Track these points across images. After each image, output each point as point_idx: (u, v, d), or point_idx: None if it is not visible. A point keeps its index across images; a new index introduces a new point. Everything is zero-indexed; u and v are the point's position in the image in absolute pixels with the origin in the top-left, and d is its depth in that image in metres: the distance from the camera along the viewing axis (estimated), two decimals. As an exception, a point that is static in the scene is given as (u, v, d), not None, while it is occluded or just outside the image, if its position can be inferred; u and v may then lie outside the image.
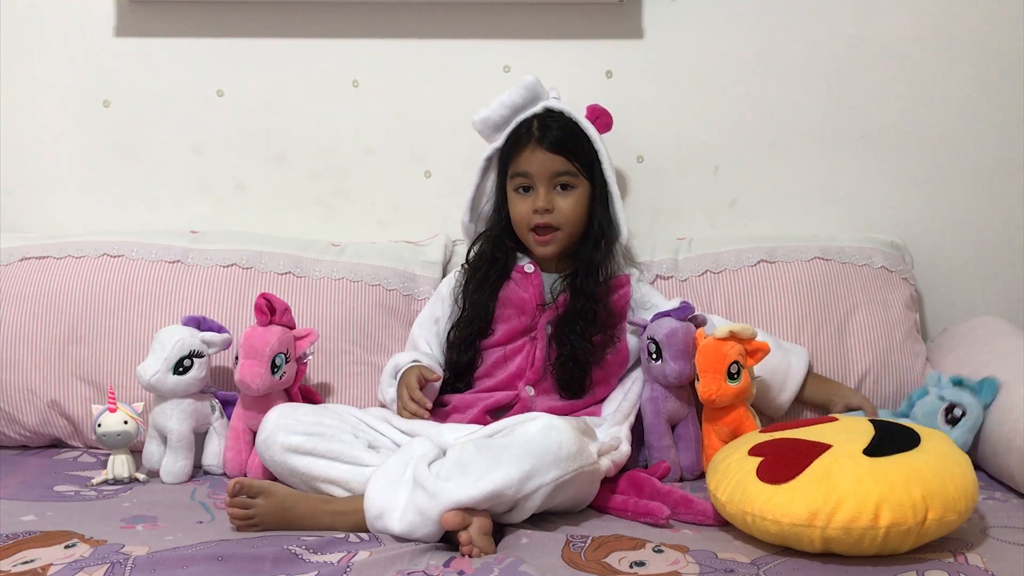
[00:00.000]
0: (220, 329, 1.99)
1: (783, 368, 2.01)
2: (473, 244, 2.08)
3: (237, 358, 1.94)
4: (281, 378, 1.92)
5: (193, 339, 1.93)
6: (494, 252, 2.03)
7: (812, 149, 2.32)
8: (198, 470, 1.96)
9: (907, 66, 2.29)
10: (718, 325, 1.93)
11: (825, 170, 2.32)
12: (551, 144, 1.98)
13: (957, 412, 1.88)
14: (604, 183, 2.02)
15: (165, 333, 1.94)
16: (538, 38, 2.29)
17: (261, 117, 2.32)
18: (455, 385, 1.99)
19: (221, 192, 2.35)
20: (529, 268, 2.02)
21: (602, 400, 1.98)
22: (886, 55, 2.29)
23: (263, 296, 1.95)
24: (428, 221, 2.31)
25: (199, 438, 1.96)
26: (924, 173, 2.32)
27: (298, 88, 2.32)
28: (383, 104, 2.32)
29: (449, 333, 2.02)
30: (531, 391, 1.95)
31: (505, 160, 2.03)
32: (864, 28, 2.28)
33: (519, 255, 2.05)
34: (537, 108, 2.02)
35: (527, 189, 1.99)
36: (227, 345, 1.99)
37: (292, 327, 1.97)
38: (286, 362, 1.93)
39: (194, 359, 1.92)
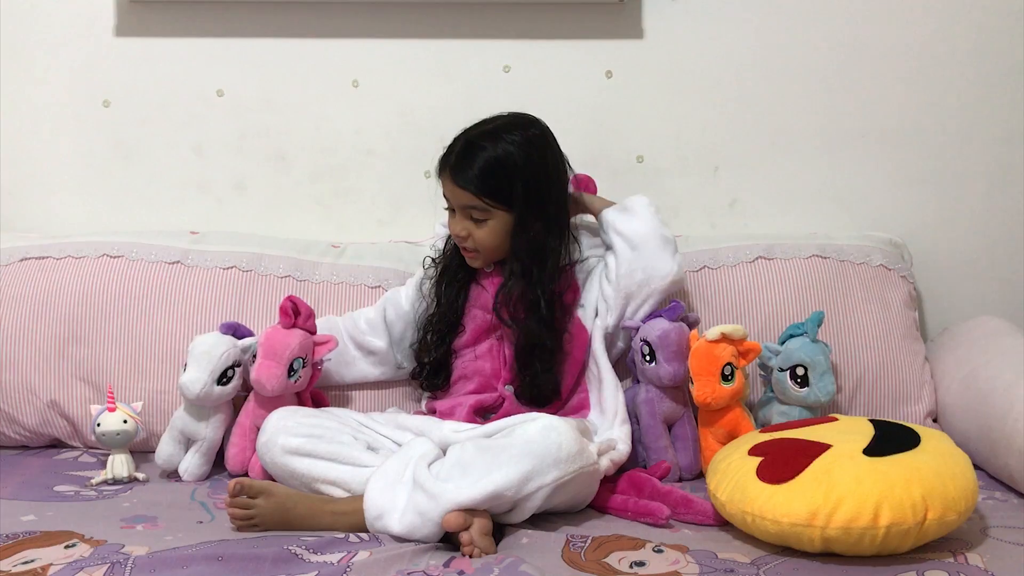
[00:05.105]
0: (249, 334, 1.97)
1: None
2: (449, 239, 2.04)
3: (254, 356, 1.93)
4: (296, 382, 1.91)
5: (234, 349, 1.92)
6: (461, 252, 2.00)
7: (812, 149, 2.32)
8: (198, 469, 1.96)
9: (907, 66, 2.29)
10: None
11: (825, 170, 2.32)
12: (459, 179, 1.89)
13: (800, 372, 1.92)
14: (529, 210, 1.89)
15: (209, 344, 1.90)
16: (538, 38, 2.29)
17: (261, 117, 2.32)
18: (432, 382, 1.99)
19: (221, 192, 2.35)
20: (489, 267, 1.99)
21: (571, 396, 1.96)
22: (886, 55, 2.29)
23: (289, 299, 1.93)
24: (428, 221, 2.28)
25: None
26: (924, 173, 2.32)
27: (298, 88, 2.32)
28: (383, 104, 2.32)
29: (423, 333, 2.00)
30: (511, 389, 1.94)
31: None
32: (864, 28, 2.28)
33: None
34: None
35: (452, 210, 1.95)
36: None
37: (313, 332, 1.96)
38: (303, 367, 1.92)
39: (235, 368, 1.92)
